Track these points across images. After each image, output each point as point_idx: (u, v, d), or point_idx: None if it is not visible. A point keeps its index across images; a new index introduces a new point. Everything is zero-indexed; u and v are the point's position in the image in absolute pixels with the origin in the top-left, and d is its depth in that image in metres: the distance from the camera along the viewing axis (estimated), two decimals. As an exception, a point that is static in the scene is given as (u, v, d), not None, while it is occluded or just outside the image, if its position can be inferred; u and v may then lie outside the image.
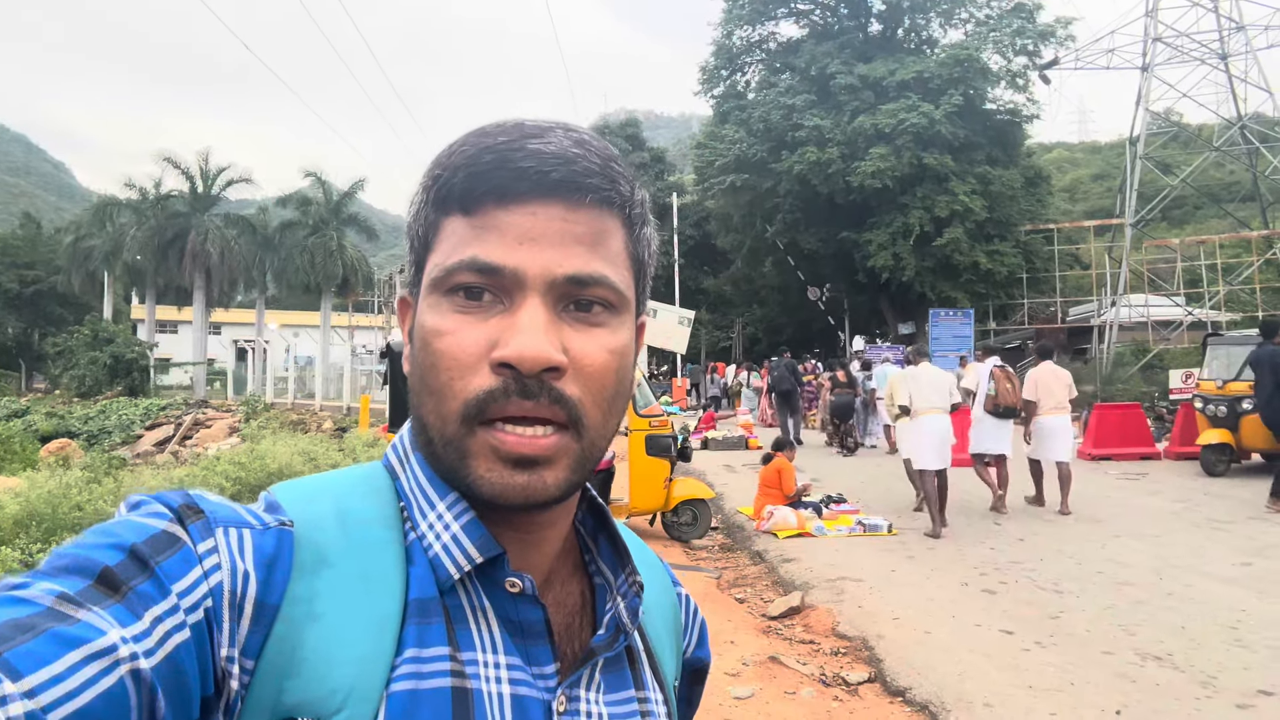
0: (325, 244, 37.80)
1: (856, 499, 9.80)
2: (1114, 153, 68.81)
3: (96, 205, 39.50)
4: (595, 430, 0.63)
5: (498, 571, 0.63)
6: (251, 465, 10.01)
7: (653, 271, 0.71)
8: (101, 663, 0.46)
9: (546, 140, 0.62)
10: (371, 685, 0.56)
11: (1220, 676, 4.64)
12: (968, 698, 4.44)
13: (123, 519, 0.56)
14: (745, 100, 31.97)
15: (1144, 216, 29.79)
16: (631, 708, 0.69)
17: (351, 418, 26.51)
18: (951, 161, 27.26)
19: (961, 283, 28.07)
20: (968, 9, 30.49)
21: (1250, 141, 29.94)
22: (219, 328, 52.35)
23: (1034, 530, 8.54)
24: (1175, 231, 38.52)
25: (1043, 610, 5.94)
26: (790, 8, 32.45)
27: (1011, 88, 30.31)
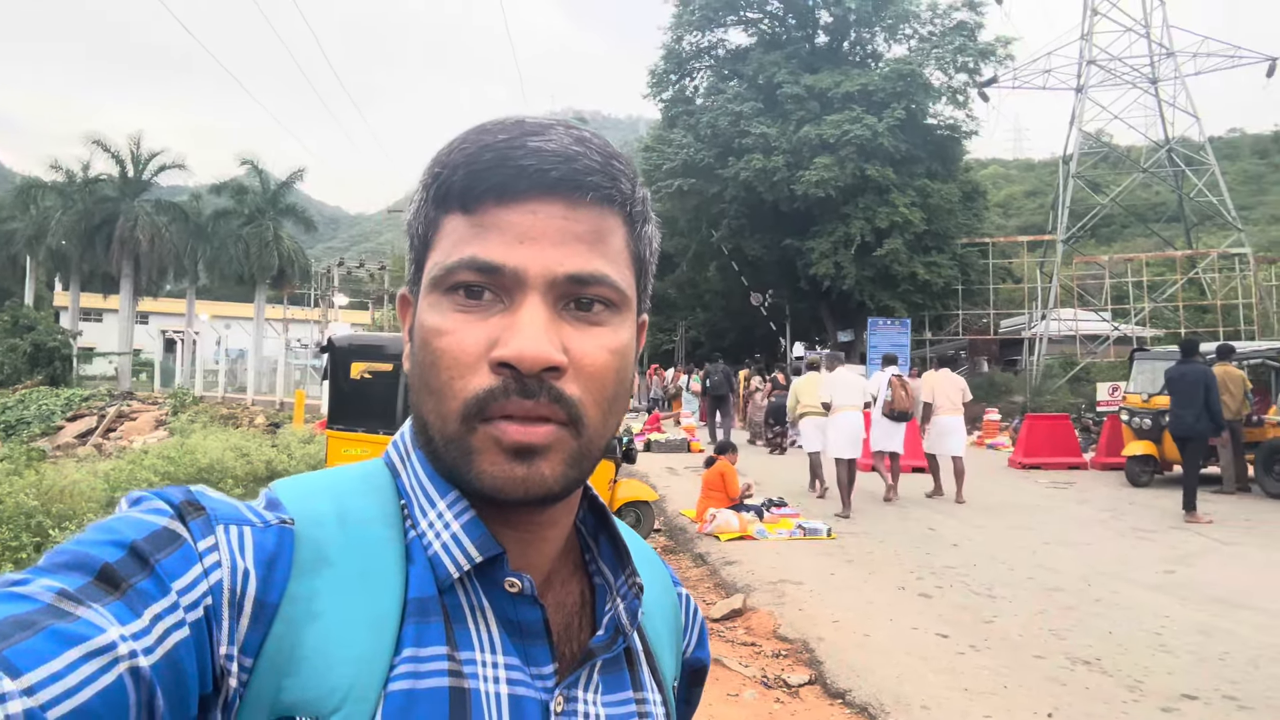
0: (261, 234, 36.91)
1: (796, 503, 9.90)
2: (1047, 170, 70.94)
3: (19, 187, 37.97)
4: (594, 429, 0.62)
5: (497, 571, 0.63)
6: (181, 460, 9.73)
7: (654, 269, 0.71)
8: (100, 660, 0.46)
9: (547, 138, 0.61)
10: (369, 684, 0.56)
11: (1146, 680, 4.79)
12: (906, 700, 4.50)
13: (123, 515, 0.55)
14: (693, 105, 32.13)
15: (1074, 233, 30.79)
16: (629, 709, 0.69)
17: (285, 413, 25.92)
18: (893, 174, 27.77)
19: (900, 292, 28.61)
20: (912, 25, 31.11)
21: (1176, 164, 31.19)
22: (146, 317, 50.62)
23: (968, 536, 8.72)
24: (1103, 249, 39.88)
25: (976, 614, 6.07)
26: (739, 16, 32.72)
27: (952, 104, 31.01)
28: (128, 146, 35.77)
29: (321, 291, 49.84)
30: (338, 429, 7.75)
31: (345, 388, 7.78)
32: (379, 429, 7.62)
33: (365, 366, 7.81)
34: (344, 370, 7.79)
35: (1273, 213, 63.43)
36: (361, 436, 7.61)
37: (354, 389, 7.79)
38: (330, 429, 7.87)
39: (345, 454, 7.65)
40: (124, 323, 37.26)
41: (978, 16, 30.51)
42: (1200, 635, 5.59)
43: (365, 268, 55.24)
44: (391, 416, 7.65)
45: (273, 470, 10.47)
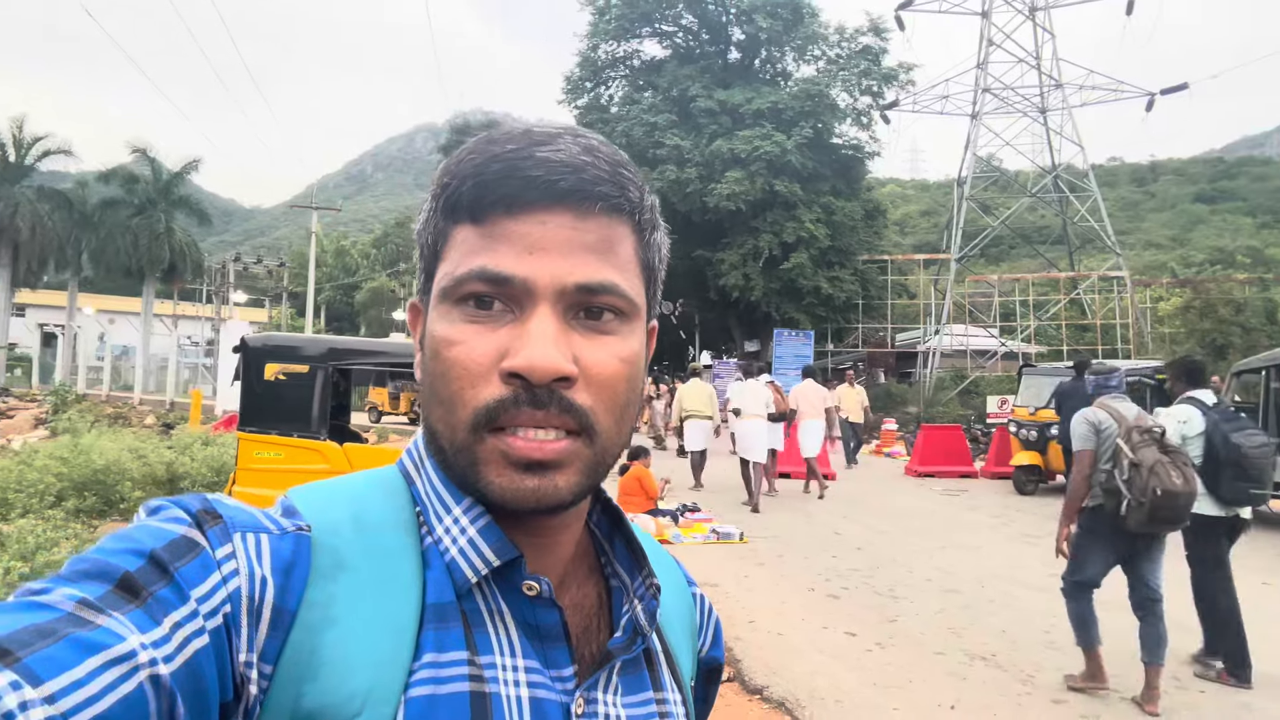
0: (151, 225, 35.20)
1: (708, 508, 10.14)
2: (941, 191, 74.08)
3: (-116, 170, 35.28)
4: (607, 437, 0.63)
5: (514, 575, 0.63)
6: (75, 460, 9.29)
7: (663, 276, 0.72)
8: (121, 668, 0.46)
9: (555, 148, 0.62)
10: (390, 689, 0.56)
11: (1038, 675, 5.15)
12: (820, 694, 4.73)
13: (142, 524, 0.56)
14: (608, 114, 32.36)
15: (967, 253, 32.31)
16: (650, 709, 0.69)
17: (177, 413, 24.89)
18: (800, 190, 28.61)
19: (804, 305, 29.44)
20: (820, 47, 32.12)
21: (1061, 190, 33.12)
22: (22, 309, 47.63)
23: (870, 540, 9.11)
24: (993, 268, 41.91)
25: (881, 614, 6.38)
26: (655, 28, 33.16)
27: (856, 124, 32.18)
28: (9, 129, 33.78)
29: (215, 287, 47.95)
30: (250, 431, 7.56)
31: (258, 389, 7.58)
32: (293, 432, 7.47)
33: (280, 368, 7.64)
34: (257, 371, 7.59)
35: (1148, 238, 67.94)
36: (275, 439, 7.44)
37: (267, 390, 7.60)
38: (242, 431, 7.67)
39: (257, 457, 7.47)
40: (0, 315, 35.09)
41: (882, 42, 31.75)
42: (1083, 632, 6.02)
43: (263, 264, 53.43)
44: (307, 419, 7.52)
45: (173, 473, 10.09)
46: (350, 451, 7.44)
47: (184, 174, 37.33)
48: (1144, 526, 4.57)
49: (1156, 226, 77.75)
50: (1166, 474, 4.48)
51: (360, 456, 7.45)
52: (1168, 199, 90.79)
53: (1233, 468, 5.03)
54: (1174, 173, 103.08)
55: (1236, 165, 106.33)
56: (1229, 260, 49.18)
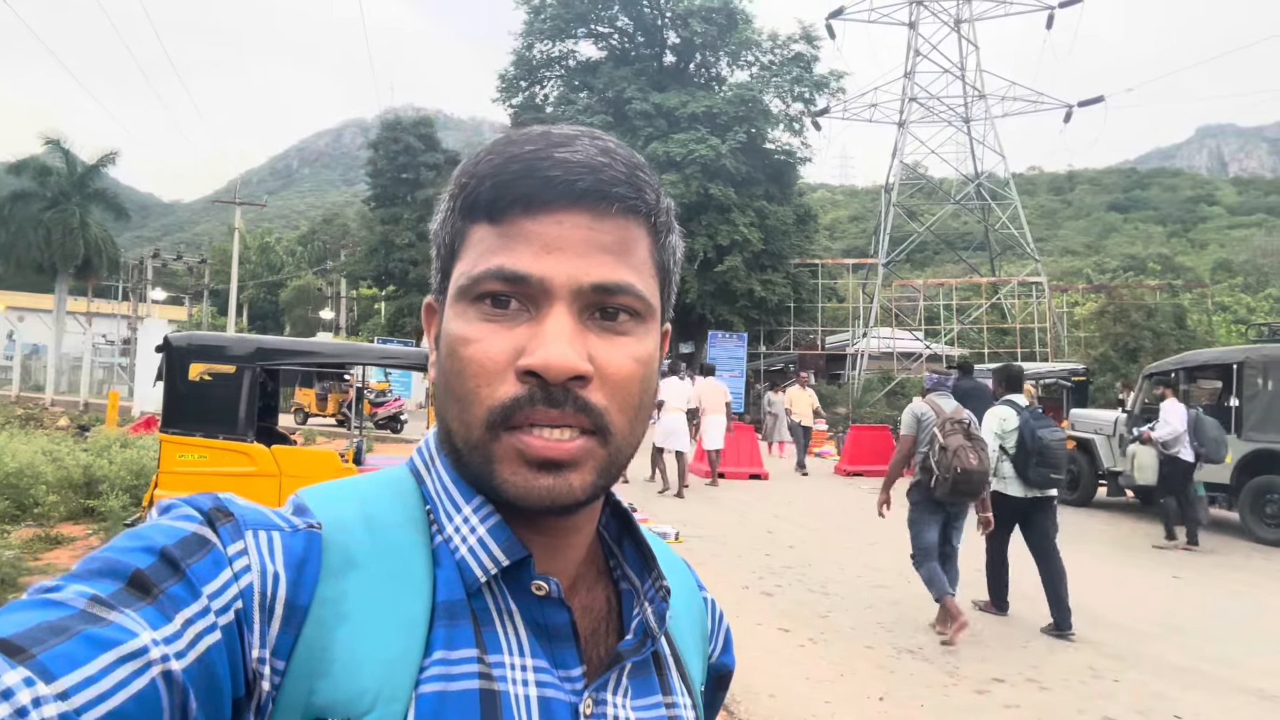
0: (65, 220, 33.86)
1: (643, 508, 10.20)
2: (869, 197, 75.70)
3: None
4: (622, 437, 0.63)
5: (524, 574, 0.63)
6: (-16, 463, 8.90)
7: (678, 278, 0.72)
8: (133, 665, 0.46)
9: (573, 149, 0.62)
10: (400, 686, 0.56)
11: (962, 667, 5.32)
12: (754, 689, 4.82)
13: (154, 523, 0.56)
14: (543, 113, 32.28)
15: (893, 258, 33.08)
16: (659, 713, 0.69)
17: (92, 414, 23.93)
18: (734, 194, 28.97)
19: (738, 308, 29.80)
20: (754, 53, 32.58)
21: (984, 198, 34.15)
22: (-76, 306, 45.41)
23: (802, 539, 9.28)
24: (918, 273, 43.09)
25: (814, 610, 6.52)
26: (590, 29, 33.20)
27: (789, 130, 32.73)
28: (-92, 115, 32.05)
29: (133, 284, 46.35)
30: (173, 433, 7.33)
31: (183, 389, 7.35)
32: (219, 434, 7.28)
33: (205, 368, 7.43)
34: (181, 371, 7.36)
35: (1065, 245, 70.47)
36: (200, 441, 7.23)
37: (192, 391, 7.38)
38: (164, 433, 7.44)
39: (181, 459, 7.25)
40: (-103, 311, 33.29)
41: (813, 50, 32.34)
42: (1005, 627, 6.25)
43: (183, 260, 51.81)
44: (233, 420, 7.32)
45: (90, 475, 9.72)
46: (278, 454, 7.27)
47: (100, 167, 35.97)
48: (948, 498, 5.81)
49: (1073, 234, 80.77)
50: (966, 456, 5.67)
51: (288, 459, 7.29)
52: (1084, 207, 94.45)
53: (1037, 456, 6.15)
54: (1090, 182, 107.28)
55: (1149, 176, 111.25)
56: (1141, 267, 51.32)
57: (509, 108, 33.38)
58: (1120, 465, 11.79)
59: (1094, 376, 20.22)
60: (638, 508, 9.94)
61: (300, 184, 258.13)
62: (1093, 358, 24.48)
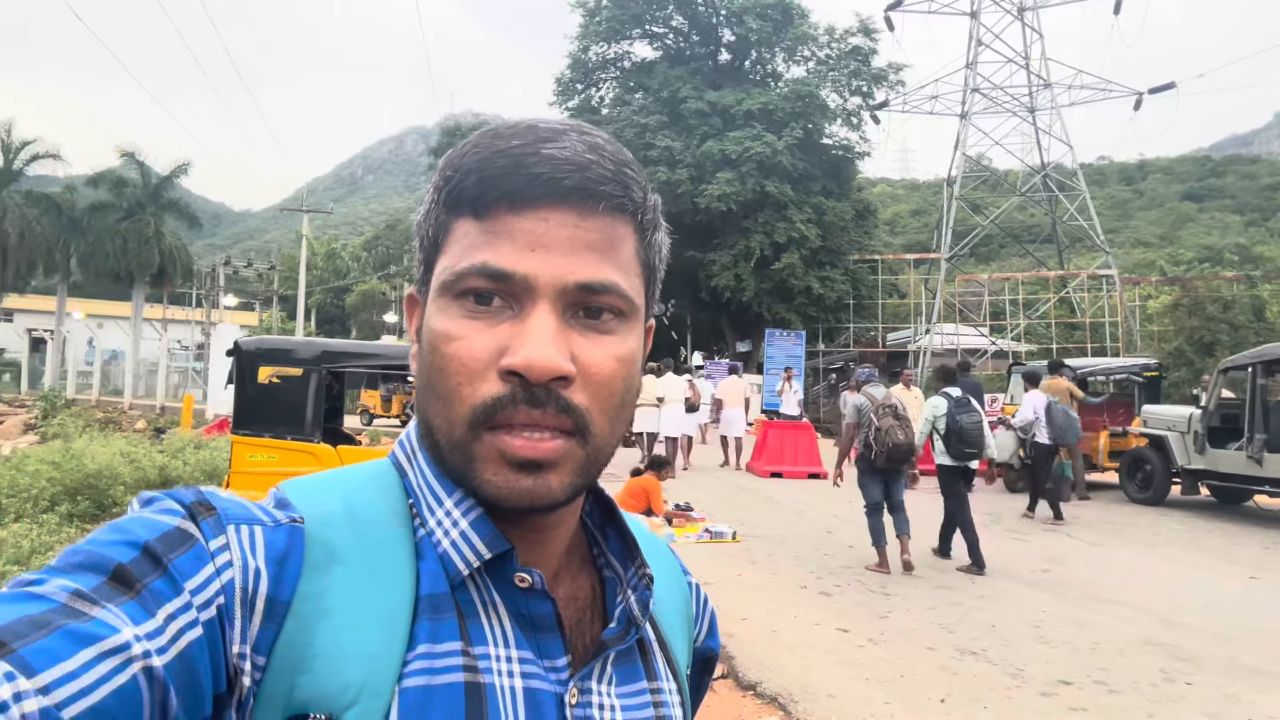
0: (140, 229, 35.05)
1: (701, 508, 10.18)
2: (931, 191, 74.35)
3: None
4: (601, 438, 0.63)
5: (507, 567, 0.63)
6: (67, 465, 9.31)
7: (663, 276, 0.72)
8: (115, 660, 0.46)
9: (560, 145, 0.61)
10: (384, 680, 0.56)
11: (1027, 669, 5.21)
12: (812, 690, 4.78)
13: (136, 515, 0.55)
14: (599, 116, 32.44)
15: (957, 252, 32.44)
16: (644, 699, 0.69)
17: (168, 417, 24.82)
18: (790, 190, 28.71)
19: (795, 305, 29.53)
20: (810, 48, 32.25)
21: (1050, 189, 33.28)
22: (10, 314, 47.44)
23: (861, 538, 9.13)
24: (983, 267, 42.08)
25: (873, 610, 6.43)
26: (645, 29, 33.25)
27: (847, 125, 32.33)
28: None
29: (205, 291, 47.80)
30: (244, 434, 7.58)
31: (252, 392, 7.61)
32: (287, 435, 7.51)
33: (273, 371, 7.66)
34: (251, 374, 7.62)
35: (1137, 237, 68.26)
36: (269, 442, 7.47)
37: (261, 393, 7.63)
38: (235, 434, 7.69)
39: (251, 460, 7.50)
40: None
41: (871, 43, 31.89)
42: (1074, 627, 6.09)
43: (253, 267, 53.26)
44: (300, 422, 7.54)
45: (166, 476, 10.10)
46: (344, 454, 7.47)
47: (173, 177, 37.17)
48: (886, 465, 7.46)
49: (1145, 225, 78.21)
50: (894, 433, 7.33)
51: (354, 459, 7.42)
52: (1156, 197, 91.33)
53: (956, 436, 7.67)
54: (1162, 171, 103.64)
55: (1224, 163, 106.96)
56: (1217, 258, 49.50)
57: (565, 110, 33.61)
58: (1196, 463, 11.39)
59: (1168, 372, 19.55)
60: (694, 506, 9.93)
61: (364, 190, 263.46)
62: (1166, 352, 23.69)
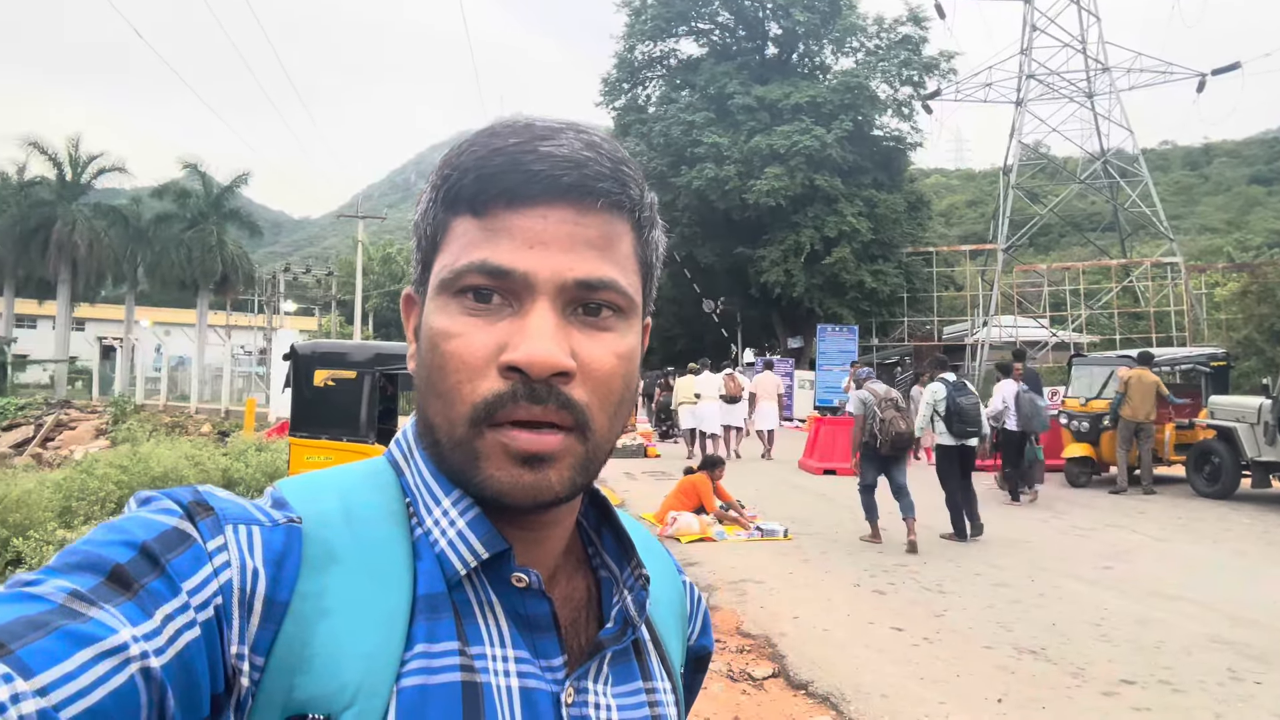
0: (204, 238, 36.09)
1: (753, 505, 10.12)
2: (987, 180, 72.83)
3: (-51, 189, 36.68)
4: (601, 434, 0.63)
5: (504, 567, 0.63)
6: (134, 469, 9.61)
7: (660, 273, 0.72)
8: (112, 661, 0.46)
9: (558, 143, 0.61)
10: (381, 680, 0.56)
11: (1088, 668, 5.07)
12: (865, 689, 4.72)
13: (133, 515, 0.56)
14: (646, 114, 32.47)
15: (1014, 242, 31.76)
16: (639, 699, 0.69)
17: (232, 421, 25.48)
18: (841, 184, 28.39)
19: (847, 300, 29.22)
20: (858, 38, 31.85)
21: (1111, 175, 32.38)
22: (82, 323, 49.16)
23: (917, 535, 9.02)
24: (1042, 257, 41.18)
25: (928, 609, 6.33)
26: (691, 26, 33.17)
27: (897, 116, 31.85)
28: (66, 149, 34.85)
29: (266, 297, 48.95)
30: (301, 436, 7.76)
31: (308, 395, 7.78)
32: (343, 436, 7.65)
33: (329, 374, 7.82)
34: (307, 377, 7.79)
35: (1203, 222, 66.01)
36: (325, 443, 7.63)
37: (317, 396, 7.80)
38: (293, 436, 7.87)
39: (308, 461, 7.66)
40: (60, 329, 36.22)
41: (922, 31, 31.38)
42: (1137, 625, 5.92)
43: (312, 273, 54.39)
44: (355, 423, 7.69)
45: (229, 479, 10.38)
46: (398, 454, 7.58)
47: (234, 187, 38.20)
48: (889, 452, 8.20)
49: (1211, 210, 75.56)
50: (896, 423, 8.11)
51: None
52: (1223, 182, 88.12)
53: (957, 416, 8.55)
54: (1229, 154, 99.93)
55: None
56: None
57: (612, 110, 33.73)
58: (1267, 455, 10.99)
59: (1236, 361, 18.88)
60: (746, 504, 9.88)
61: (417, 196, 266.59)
62: (1235, 341, 22.86)
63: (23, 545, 6.62)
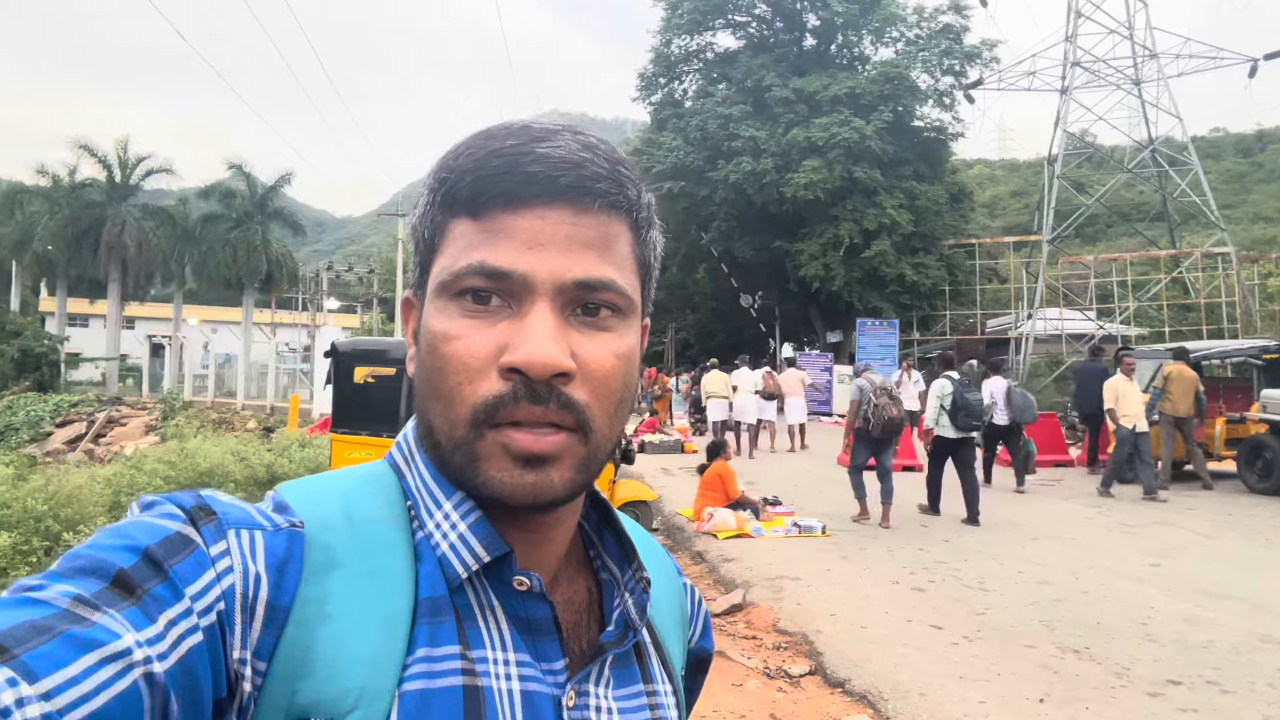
0: (249, 238, 36.81)
1: (790, 501, 10.07)
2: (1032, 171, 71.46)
3: (4, 193, 37.67)
4: (601, 434, 0.63)
5: (505, 570, 0.63)
6: (182, 465, 9.82)
7: (658, 274, 0.72)
8: (116, 666, 0.46)
9: (555, 144, 0.62)
10: (384, 685, 0.56)
11: (1133, 667, 4.97)
12: (903, 687, 4.67)
13: (136, 520, 0.56)
14: (683, 108, 32.38)
15: (1060, 233, 31.10)
16: (640, 701, 0.70)
17: (277, 417, 25.92)
18: (880, 176, 28.08)
19: (888, 294, 28.90)
20: (898, 28, 31.44)
21: (1160, 164, 31.55)
22: (132, 322, 50.31)
23: (957, 532, 8.92)
24: (1088, 249, 40.30)
25: (969, 607, 6.25)
26: (728, 19, 33.00)
27: (939, 106, 31.41)
28: (115, 151, 35.67)
29: (310, 295, 49.70)
30: (342, 432, 7.86)
31: (349, 392, 7.88)
32: (383, 432, 7.74)
33: (368, 371, 7.92)
34: (347, 374, 7.90)
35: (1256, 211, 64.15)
36: (365, 439, 7.72)
37: (357, 393, 7.90)
38: (334, 432, 7.98)
39: (349, 457, 7.76)
40: (111, 328, 37.14)
41: (963, 20, 30.91)
42: (1184, 624, 5.79)
43: (354, 271, 55.11)
44: (395, 419, 7.76)
45: (273, 474, 10.56)
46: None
47: (278, 187, 38.87)
48: (880, 435, 8.96)
49: (1265, 199, 73.32)
50: (889, 409, 8.87)
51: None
52: (1276, 169, 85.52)
53: (963, 410, 9.10)
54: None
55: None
56: (1347, 231, 46.19)
57: (648, 105, 33.68)
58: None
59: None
60: (781, 500, 9.83)
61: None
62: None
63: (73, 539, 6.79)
